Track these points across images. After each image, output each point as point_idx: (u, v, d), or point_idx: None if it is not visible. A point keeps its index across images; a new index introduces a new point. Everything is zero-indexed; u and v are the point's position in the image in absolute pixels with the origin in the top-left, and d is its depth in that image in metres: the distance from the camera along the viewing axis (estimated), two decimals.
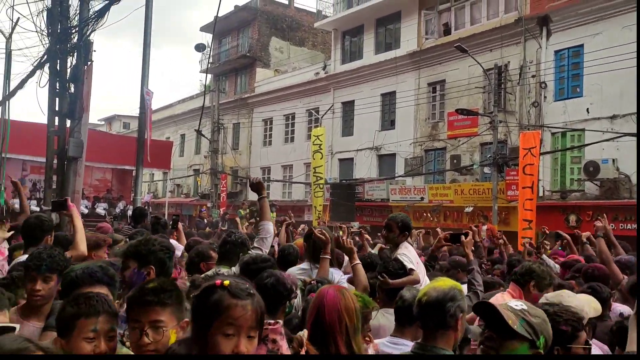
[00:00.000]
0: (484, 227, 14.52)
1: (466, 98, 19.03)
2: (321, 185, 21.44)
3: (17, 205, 11.69)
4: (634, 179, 14.75)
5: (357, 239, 9.37)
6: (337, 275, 4.41)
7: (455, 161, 19.36)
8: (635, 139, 14.36)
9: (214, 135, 26.87)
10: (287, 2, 32.55)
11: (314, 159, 21.75)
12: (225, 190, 26.14)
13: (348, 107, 24.85)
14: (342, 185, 22.70)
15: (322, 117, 24.58)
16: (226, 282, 1.65)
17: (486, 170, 17.76)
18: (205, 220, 19.78)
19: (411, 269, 4.04)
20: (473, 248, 4.56)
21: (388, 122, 22.97)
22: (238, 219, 17.15)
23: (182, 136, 35.80)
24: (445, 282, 2.56)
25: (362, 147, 23.41)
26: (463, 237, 4.36)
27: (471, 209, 17.48)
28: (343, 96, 24.91)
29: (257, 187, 4.46)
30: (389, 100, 22.96)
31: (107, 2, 8.46)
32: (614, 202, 14.73)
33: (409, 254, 4.28)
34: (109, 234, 5.85)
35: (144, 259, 2.82)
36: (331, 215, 20.40)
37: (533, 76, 17.42)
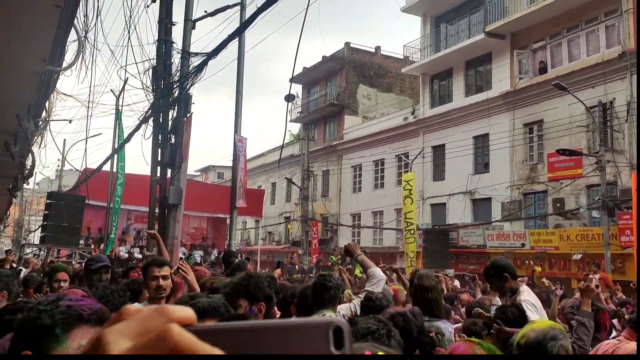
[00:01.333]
0: (596, 276, 13.37)
1: (567, 138, 17.98)
2: (412, 231, 20.83)
3: (122, 253, 12.25)
4: None
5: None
6: (448, 327, 4.08)
7: (558, 205, 18.14)
8: None
9: (304, 182, 27.22)
10: (373, 50, 33.00)
11: (405, 205, 21.26)
12: (316, 237, 26.17)
13: (439, 151, 24.31)
14: (435, 231, 21.96)
15: (412, 162, 24.19)
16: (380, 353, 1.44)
17: (594, 214, 16.45)
18: (297, 267, 19.75)
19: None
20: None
21: (482, 165, 22.16)
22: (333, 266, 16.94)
23: (273, 184, 36.61)
24: (544, 322, 2.52)
25: (455, 191, 22.66)
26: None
27: (580, 256, 16.15)
28: (433, 140, 24.46)
29: (349, 250, 4.42)
30: (481, 142, 22.22)
31: (205, 57, 8.85)
32: None
33: (532, 300, 3.88)
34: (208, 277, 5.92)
35: (254, 296, 2.87)
36: (425, 262, 19.67)
37: None
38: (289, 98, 31.50)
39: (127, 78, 13.11)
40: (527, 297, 3.91)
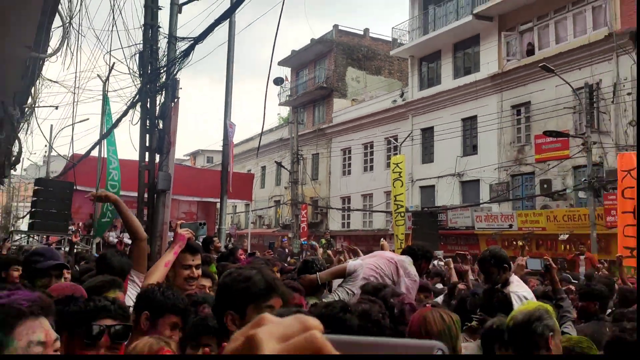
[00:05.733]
0: (582, 257, 13.61)
1: (554, 119, 18.11)
2: (402, 214, 20.97)
3: (112, 239, 12.24)
4: None
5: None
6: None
7: (545, 186, 18.34)
8: None
9: (294, 166, 27.22)
10: (362, 33, 32.84)
11: (394, 187, 21.36)
12: (305, 220, 26.26)
13: (427, 134, 24.39)
14: (424, 214, 22.13)
15: (401, 145, 24.27)
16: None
17: (581, 194, 16.67)
18: (287, 251, 19.86)
19: None
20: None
21: (470, 147, 22.29)
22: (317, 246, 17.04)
23: (263, 168, 36.59)
24: (531, 304, 2.66)
25: (444, 173, 22.80)
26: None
27: (566, 236, 16.39)
28: (422, 123, 24.52)
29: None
30: (470, 124, 22.32)
31: (192, 42, 8.79)
32: None
33: (524, 292, 3.95)
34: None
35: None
36: (413, 244, 19.83)
37: (629, 93, 16.30)
38: (277, 81, 31.34)
39: (114, 63, 13.00)
40: (517, 288, 3.96)
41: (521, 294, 3.91)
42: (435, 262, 9.64)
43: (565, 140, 17.41)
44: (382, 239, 7.60)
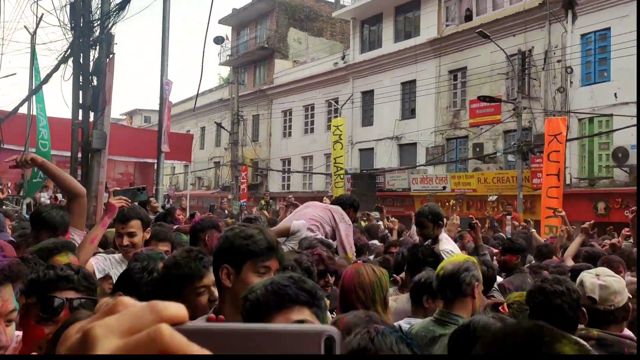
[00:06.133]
0: (509, 217, 14.32)
1: (488, 85, 18.72)
2: (342, 176, 21.33)
3: (43, 199, 11.81)
4: None
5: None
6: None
7: (477, 149, 19.08)
8: None
9: (234, 127, 26.90)
10: None
11: (334, 150, 21.63)
12: (245, 182, 26.19)
13: (368, 97, 24.65)
14: (363, 176, 22.57)
15: (341, 107, 24.44)
16: None
17: (510, 158, 17.47)
18: (226, 212, 19.82)
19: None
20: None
21: (408, 111, 22.75)
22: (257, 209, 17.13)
23: (202, 129, 35.93)
24: (459, 257, 2.90)
25: (383, 136, 23.23)
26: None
27: (495, 197, 17.22)
28: (362, 86, 24.72)
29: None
30: (409, 89, 22.72)
31: None
32: None
33: (452, 249, 4.16)
34: None
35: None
36: None
37: (558, 61, 17.04)
38: (217, 40, 30.55)
39: (42, 14, 12.27)
40: (446, 245, 4.17)
41: (448, 249, 4.15)
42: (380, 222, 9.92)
43: (498, 105, 18.07)
44: (324, 198, 7.77)
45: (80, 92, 8.38)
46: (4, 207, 9.44)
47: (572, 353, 0.77)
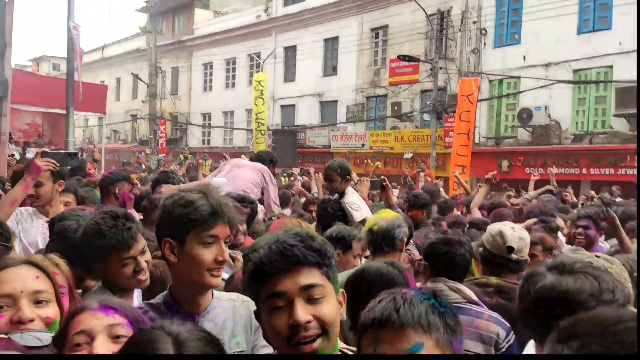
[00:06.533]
0: (422, 174, 14.90)
1: (408, 44, 19.06)
2: (263, 132, 21.21)
3: None
4: (564, 126, 15.45)
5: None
6: None
7: (396, 108, 19.56)
8: (566, 86, 14.96)
9: (152, 79, 25.87)
10: None
11: (256, 105, 21.40)
12: (164, 136, 25.47)
13: (290, 52, 24.42)
14: (284, 132, 22.59)
15: (263, 62, 24.08)
16: None
17: (426, 117, 18.08)
18: (143, 166, 19.28)
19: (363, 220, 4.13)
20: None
21: (330, 68, 22.82)
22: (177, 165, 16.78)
23: (118, 80, 34.27)
24: (389, 213, 3.06)
25: (304, 93, 23.23)
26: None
27: (410, 155, 17.85)
28: (285, 41, 24.41)
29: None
30: (331, 45, 22.72)
31: None
32: (544, 148, 15.43)
33: (356, 201, 4.30)
34: None
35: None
36: None
37: (474, 22, 17.59)
38: None
39: None
40: (352, 198, 4.31)
41: (353, 202, 4.31)
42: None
43: (416, 65, 18.50)
44: (242, 155, 7.75)
45: None
46: None
47: None
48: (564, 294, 1.35)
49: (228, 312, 1.78)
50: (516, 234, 2.75)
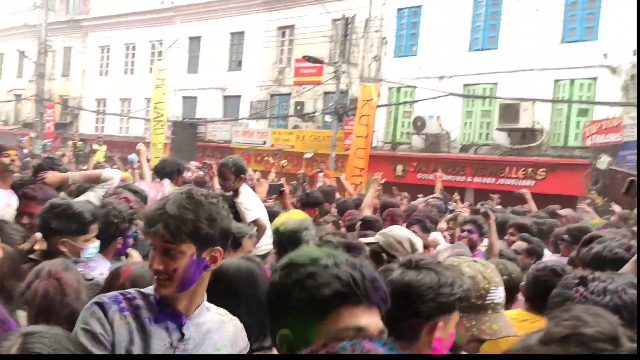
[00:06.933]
0: (321, 174, 15.19)
1: (314, 46, 19.31)
2: (162, 123, 20.52)
3: None
4: (453, 135, 16.46)
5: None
6: None
7: (299, 107, 19.79)
8: (457, 98, 15.97)
9: (40, 58, 24.10)
10: None
11: (155, 94, 20.63)
12: (52, 120, 23.86)
13: (194, 43, 23.86)
14: (184, 124, 22.04)
15: (166, 51, 23.33)
16: None
17: (327, 118, 18.47)
18: (26, 151, 17.92)
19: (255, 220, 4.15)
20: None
21: (235, 62, 22.59)
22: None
23: (1, 56, 31.60)
24: (297, 214, 3.09)
25: (208, 86, 22.81)
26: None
27: (311, 155, 18.14)
28: (190, 30, 23.81)
29: None
30: (237, 40, 22.49)
31: None
32: (435, 155, 16.35)
33: (250, 200, 4.30)
34: None
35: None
36: (171, 154, 19.78)
37: (376, 31, 18.23)
38: None
39: None
40: (245, 197, 4.29)
41: (244, 201, 4.28)
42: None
43: (321, 67, 18.84)
44: (139, 144, 7.42)
45: None
46: None
47: None
48: (406, 287, 1.44)
49: (214, 324, 1.73)
50: (408, 235, 2.90)
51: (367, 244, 2.92)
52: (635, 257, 2.12)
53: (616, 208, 8.08)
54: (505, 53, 15.38)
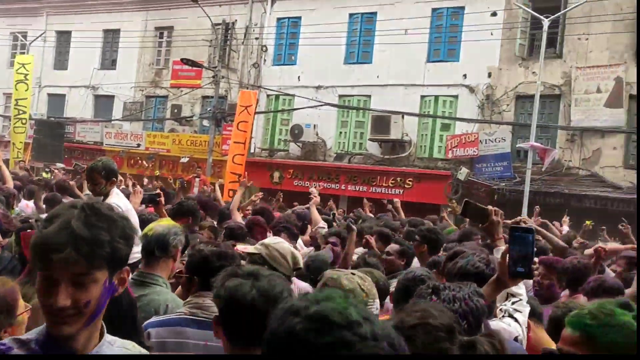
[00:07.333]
0: (198, 179, 14.98)
1: (193, 49, 18.99)
2: (24, 121, 18.98)
3: None
4: (329, 144, 17.02)
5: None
6: None
7: (176, 111, 19.32)
8: (333, 108, 16.55)
9: None
10: None
11: (17, 90, 19.04)
12: None
13: (64, 38, 22.42)
14: (50, 123, 20.61)
15: (30, 44, 21.62)
16: None
17: (205, 122, 18.22)
18: None
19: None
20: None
21: (109, 61, 21.57)
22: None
23: None
24: (168, 221, 3.20)
25: (77, 84, 21.51)
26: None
27: (187, 159, 17.79)
28: (58, 24, 22.34)
29: None
30: (111, 38, 21.50)
31: None
32: (311, 163, 16.80)
33: (120, 202, 4.11)
34: None
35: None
36: (33, 154, 18.39)
37: (256, 38, 18.38)
38: None
39: None
40: (114, 199, 4.08)
41: (115, 203, 4.15)
42: None
43: (199, 70, 18.57)
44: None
45: None
46: None
47: None
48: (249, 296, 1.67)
49: None
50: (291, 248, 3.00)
51: (249, 254, 2.93)
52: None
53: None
54: (378, 68, 16.25)
